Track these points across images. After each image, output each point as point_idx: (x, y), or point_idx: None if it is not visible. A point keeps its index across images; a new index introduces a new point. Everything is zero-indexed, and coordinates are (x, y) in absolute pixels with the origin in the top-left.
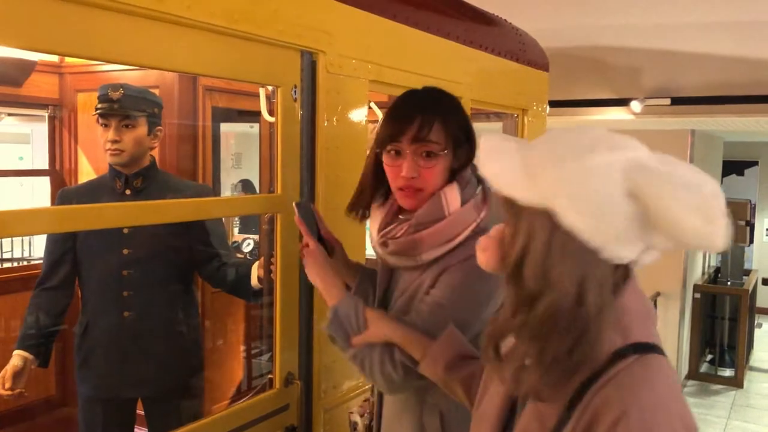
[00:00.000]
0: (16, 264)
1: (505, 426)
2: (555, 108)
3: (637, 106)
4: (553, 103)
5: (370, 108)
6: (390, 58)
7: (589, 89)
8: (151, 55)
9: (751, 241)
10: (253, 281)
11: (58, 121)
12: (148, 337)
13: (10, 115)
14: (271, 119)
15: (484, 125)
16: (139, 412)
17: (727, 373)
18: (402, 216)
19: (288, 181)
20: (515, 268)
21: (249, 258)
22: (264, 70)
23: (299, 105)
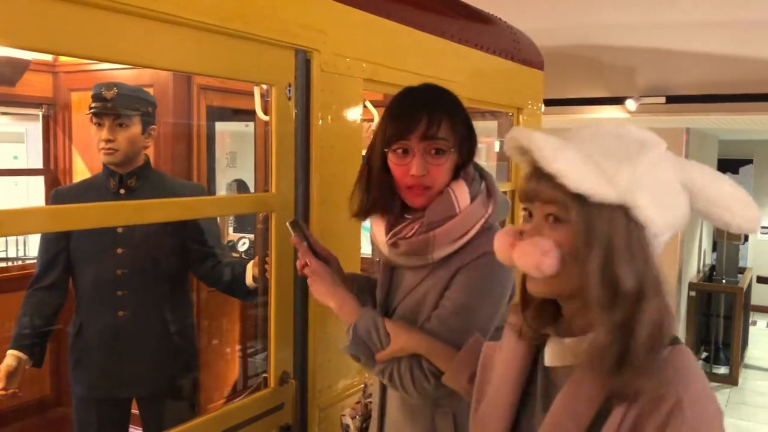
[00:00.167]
0: (10, 264)
1: (513, 426)
2: (550, 107)
3: (632, 104)
4: (549, 102)
5: (365, 106)
6: (384, 57)
7: (584, 88)
8: (145, 54)
9: (746, 239)
10: (248, 280)
11: (52, 120)
12: (143, 337)
13: (4, 114)
14: (266, 118)
15: (479, 124)
16: (134, 411)
17: (722, 370)
18: (408, 215)
19: (282, 179)
20: (603, 268)
21: (244, 257)
22: (258, 69)
23: (294, 104)
